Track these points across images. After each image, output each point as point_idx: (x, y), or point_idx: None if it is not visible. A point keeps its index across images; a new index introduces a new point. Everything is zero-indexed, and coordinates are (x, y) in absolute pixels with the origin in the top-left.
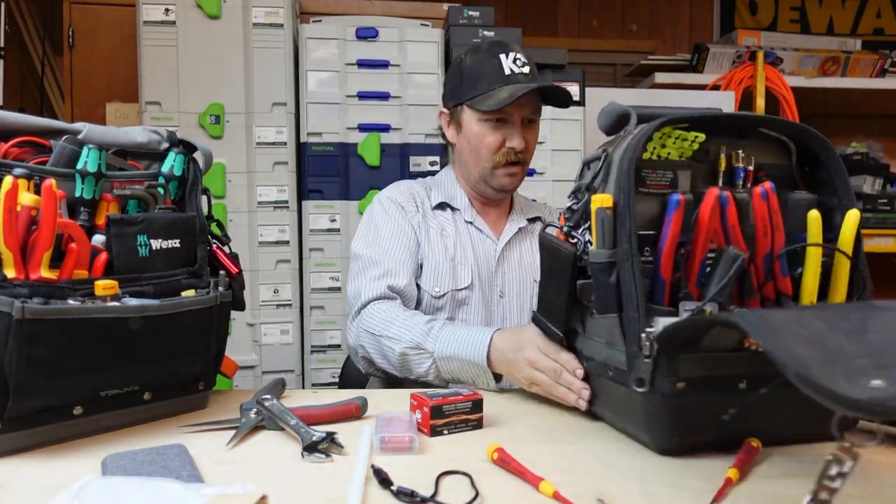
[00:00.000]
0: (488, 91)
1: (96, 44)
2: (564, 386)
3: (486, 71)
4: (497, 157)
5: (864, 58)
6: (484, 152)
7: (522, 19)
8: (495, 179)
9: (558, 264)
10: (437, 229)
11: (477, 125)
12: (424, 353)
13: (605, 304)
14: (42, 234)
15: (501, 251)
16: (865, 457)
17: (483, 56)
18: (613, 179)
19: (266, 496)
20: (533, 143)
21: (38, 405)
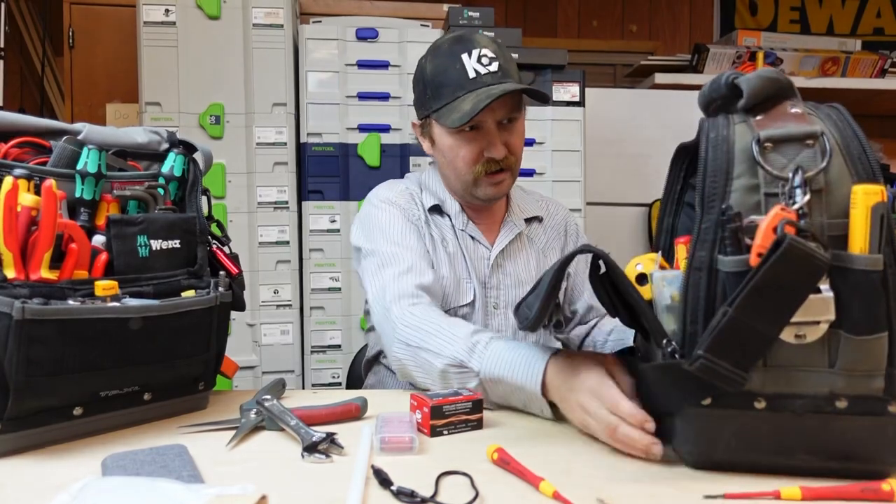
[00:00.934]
0: (452, 101)
1: (96, 44)
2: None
3: (449, 77)
4: (477, 169)
5: (864, 58)
6: (461, 166)
7: (522, 19)
8: (480, 190)
9: (799, 279)
10: (439, 237)
11: (448, 139)
12: (469, 373)
13: (874, 320)
14: (42, 234)
15: (495, 259)
16: None
17: (444, 59)
18: (853, 167)
19: (266, 496)
20: (517, 144)
21: (38, 405)
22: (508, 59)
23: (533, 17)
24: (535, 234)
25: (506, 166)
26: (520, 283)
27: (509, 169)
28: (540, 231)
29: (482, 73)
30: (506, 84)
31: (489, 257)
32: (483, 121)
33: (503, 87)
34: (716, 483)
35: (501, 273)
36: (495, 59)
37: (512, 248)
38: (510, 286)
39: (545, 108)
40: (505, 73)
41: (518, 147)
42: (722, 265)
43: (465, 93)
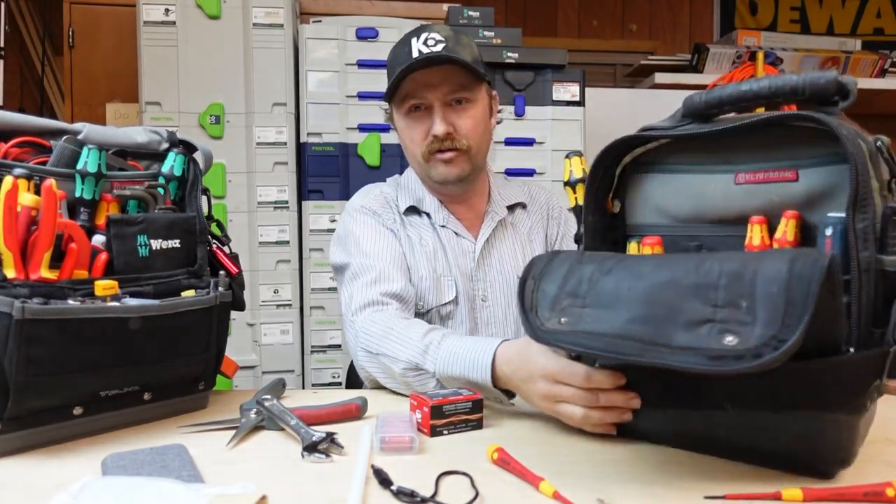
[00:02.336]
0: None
1: (96, 44)
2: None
3: (398, 61)
4: (423, 149)
5: (864, 58)
6: (411, 147)
7: (522, 19)
8: (433, 171)
9: None
10: (416, 237)
11: (401, 121)
12: (426, 374)
13: None
14: (42, 234)
15: (480, 251)
16: None
17: (399, 46)
18: None
19: (266, 496)
20: (467, 126)
21: (37, 405)
22: (462, 44)
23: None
24: (519, 221)
25: (455, 147)
26: (505, 271)
27: (462, 151)
28: (524, 217)
29: (424, 52)
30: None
31: (474, 250)
32: (426, 99)
33: (427, 58)
34: (716, 483)
35: (487, 265)
36: (443, 41)
37: (496, 238)
38: (497, 276)
39: (545, 107)
40: (451, 53)
41: (469, 129)
42: (891, 265)
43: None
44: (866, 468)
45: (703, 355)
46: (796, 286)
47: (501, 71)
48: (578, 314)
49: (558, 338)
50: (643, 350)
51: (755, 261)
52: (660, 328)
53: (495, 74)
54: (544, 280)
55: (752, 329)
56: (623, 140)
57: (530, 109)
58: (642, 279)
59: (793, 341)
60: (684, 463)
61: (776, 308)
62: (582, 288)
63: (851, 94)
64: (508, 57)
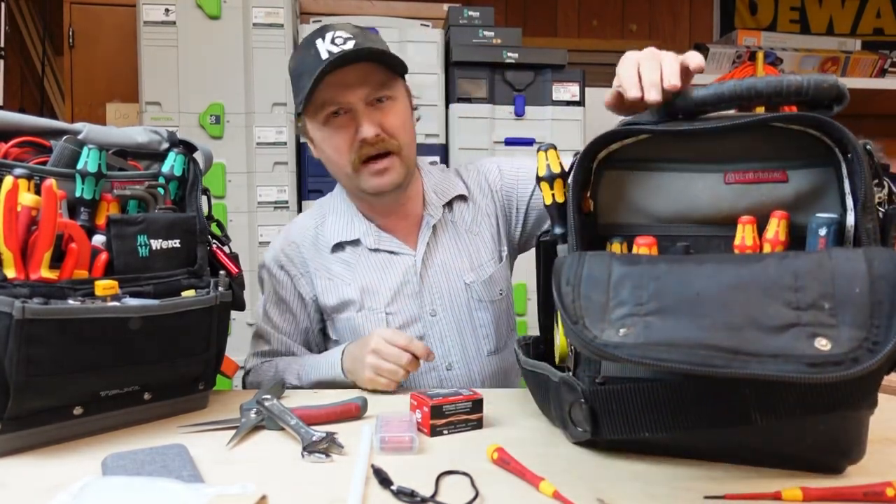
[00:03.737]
0: (305, 88)
1: (96, 44)
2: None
3: (305, 65)
4: (352, 158)
5: (863, 58)
6: (337, 159)
7: (522, 19)
8: (364, 182)
9: None
10: (341, 272)
11: (319, 132)
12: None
13: None
14: (42, 234)
15: (422, 263)
16: None
17: (301, 50)
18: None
19: (266, 496)
20: (394, 124)
21: (38, 405)
22: (370, 39)
23: (533, 17)
24: (459, 215)
25: (387, 149)
26: (451, 279)
27: (394, 153)
28: (465, 209)
29: (335, 52)
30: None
31: (415, 264)
32: (347, 103)
33: (343, 56)
34: (716, 483)
35: (432, 276)
36: (352, 38)
37: (437, 244)
38: (443, 286)
39: (545, 107)
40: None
41: (397, 128)
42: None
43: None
44: (866, 468)
45: (799, 363)
46: (880, 287)
47: (501, 71)
48: (643, 324)
49: (626, 352)
50: (730, 361)
51: (826, 260)
52: (744, 334)
53: (495, 75)
54: (585, 286)
55: (839, 331)
56: (612, 133)
57: (530, 109)
58: (710, 280)
59: (893, 344)
60: (684, 463)
61: (862, 309)
62: (640, 294)
63: (846, 99)
64: (508, 57)
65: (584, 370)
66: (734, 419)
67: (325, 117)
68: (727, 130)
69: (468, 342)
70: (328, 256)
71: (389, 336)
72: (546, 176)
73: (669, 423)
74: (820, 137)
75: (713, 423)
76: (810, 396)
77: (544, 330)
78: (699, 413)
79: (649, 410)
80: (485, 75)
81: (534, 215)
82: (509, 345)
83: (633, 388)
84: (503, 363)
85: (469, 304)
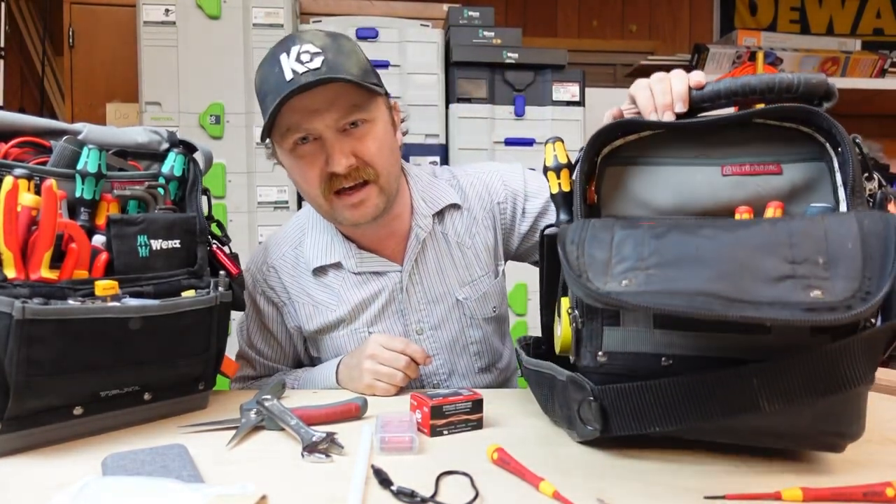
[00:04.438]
0: (268, 111)
1: (96, 44)
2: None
3: (269, 85)
4: (323, 189)
5: (863, 58)
6: (307, 188)
7: (522, 19)
8: (339, 215)
9: None
10: (325, 299)
11: (288, 159)
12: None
13: None
14: (42, 234)
15: (408, 279)
16: None
17: (266, 66)
18: None
19: (266, 496)
20: (370, 151)
21: (38, 405)
22: (344, 53)
23: (533, 17)
24: (451, 225)
25: (363, 178)
26: (439, 296)
27: (371, 182)
28: (458, 218)
29: (300, 73)
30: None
31: (400, 281)
32: (314, 130)
33: (303, 83)
34: (716, 483)
35: (419, 294)
36: (319, 53)
37: (425, 259)
38: (431, 304)
39: (545, 107)
40: (332, 69)
41: (373, 155)
42: None
43: (283, 98)
44: (866, 468)
45: (795, 308)
46: (871, 241)
47: (501, 71)
48: (644, 277)
49: (628, 298)
50: (728, 306)
51: (819, 221)
52: (741, 284)
53: (495, 75)
54: (588, 245)
55: (833, 284)
56: (618, 124)
57: (530, 109)
58: (708, 240)
59: (883, 293)
60: (684, 463)
61: (854, 263)
62: (641, 251)
63: (835, 97)
64: (508, 57)
65: (587, 347)
66: (743, 408)
67: (291, 144)
68: (725, 122)
69: (458, 360)
70: (309, 281)
71: (385, 340)
72: (553, 166)
73: (679, 417)
74: (811, 134)
75: (722, 414)
76: (816, 379)
77: (546, 329)
78: (708, 404)
79: (658, 405)
80: (485, 75)
81: (535, 234)
82: (502, 360)
83: (643, 385)
84: (496, 378)
85: (461, 321)
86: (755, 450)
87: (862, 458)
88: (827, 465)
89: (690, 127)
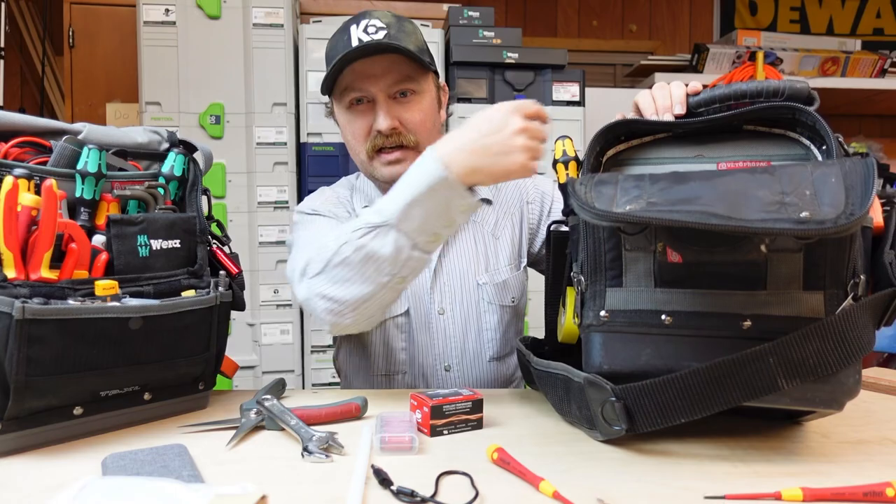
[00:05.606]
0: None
1: (97, 44)
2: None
3: (336, 49)
4: (367, 146)
5: (863, 58)
6: (353, 144)
7: (522, 19)
8: (375, 170)
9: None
10: None
11: (342, 115)
12: (379, 230)
13: None
14: (42, 234)
15: (437, 260)
16: None
17: (337, 34)
18: None
19: (266, 496)
20: (415, 120)
21: (38, 405)
22: (405, 31)
23: (533, 17)
24: (483, 217)
25: (402, 143)
26: (465, 280)
27: (410, 147)
28: (489, 212)
29: (364, 40)
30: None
31: (430, 259)
32: (369, 92)
33: (365, 46)
34: (716, 483)
35: (445, 274)
36: (384, 28)
37: (455, 242)
38: (456, 286)
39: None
40: (392, 41)
41: (416, 122)
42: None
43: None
44: (866, 468)
45: (788, 222)
46: (852, 176)
47: (501, 71)
48: (646, 203)
49: (632, 214)
50: (726, 220)
51: (805, 166)
52: (737, 209)
53: (495, 75)
54: (596, 186)
55: (819, 209)
56: (624, 121)
57: None
58: (705, 180)
59: (864, 211)
60: (684, 463)
61: (837, 193)
62: (644, 191)
63: (816, 101)
64: (508, 57)
65: (590, 307)
66: (763, 389)
67: (348, 102)
68: (721, 122)
69: (470, 345)
70: None
71: (523, 106)
72: (562, 159)
73: (703, 406)
74: (797, 139)
75: (744, 397)
76: (827, 353)
77: (550, 327)
78: (729, 390)
79: (681, 397)
80: (485, 75)
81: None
82: (513, 355)
83: (664, 380)
84: (505, 371)
85: (479, 304)
86: (755, 450)
87: (862, 458)
88: (827, 465)
89: (689, 127)
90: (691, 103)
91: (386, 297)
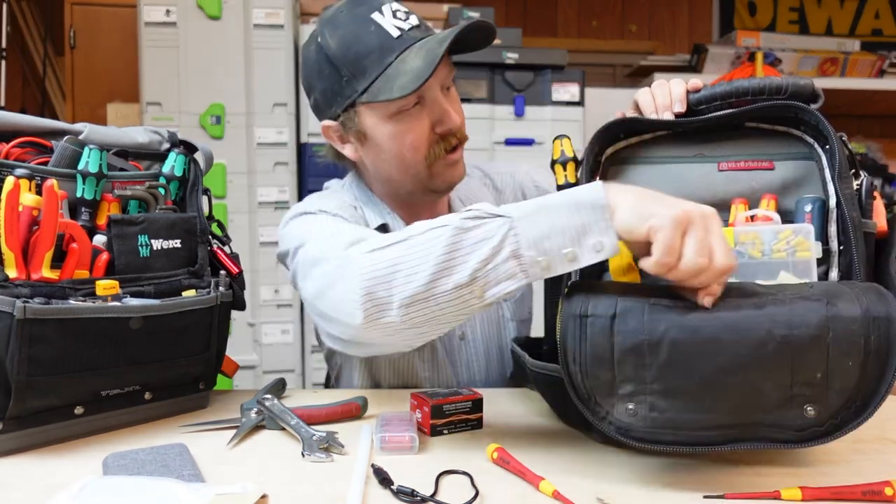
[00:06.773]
0: (385, 70)
1: (97, 44)
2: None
3: (367, 45)
4: (434, 151)
5: (862, 58)
6: (411, 155)
7: (522, 20)
8: (437, 179)
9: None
10: None
11: (386, 125)
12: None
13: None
14: (43, 234)
15: None
16: None
17: (351, 27)
18: None
19: (266, 496)
20: (462, 112)
21: (39, 405)
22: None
23: (533, 17)
24: None
25: (461, 138)
26: None
27: (463, 142)
28: None
29: (407, 30)
30: (442, 33)
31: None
32: (426, 88)
33: (442, 36)
34: (716, 483)
35: None
36: (410, 12)
37: None
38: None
39: (545, 107)
40: (426, 27)
41: (463, 115)
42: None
43: (398, 54)
44: (866, 468)
45: (791, 430)
46: (874, 363)
47: (501, 71)
48: (649, 403)
49: (635, 436)
50: (726, 437)
51: (825, 334)
52: (745, 415)
53: (495, 75)
54: (591, 365)
55: (827, 394)
56: (623, 119)
57: (530, 110)
58: (709, 364)
59: (871, 409)
60: (684, 463)
61: (851, 380)
62: (644, 375)
63: (821, 98)
64: (508, 57)
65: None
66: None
67: (396, 110)
68: (722, 120)
69: (493, 365)
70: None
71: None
72: (560, 159)
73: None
74: (801, 137)
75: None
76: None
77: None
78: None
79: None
80: (485, 75)
81: None
82: None
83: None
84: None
85: (500, 322)
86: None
87: (862, 457)
88: (826, 465)
89: (688, 125)
90: (692, 100)
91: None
